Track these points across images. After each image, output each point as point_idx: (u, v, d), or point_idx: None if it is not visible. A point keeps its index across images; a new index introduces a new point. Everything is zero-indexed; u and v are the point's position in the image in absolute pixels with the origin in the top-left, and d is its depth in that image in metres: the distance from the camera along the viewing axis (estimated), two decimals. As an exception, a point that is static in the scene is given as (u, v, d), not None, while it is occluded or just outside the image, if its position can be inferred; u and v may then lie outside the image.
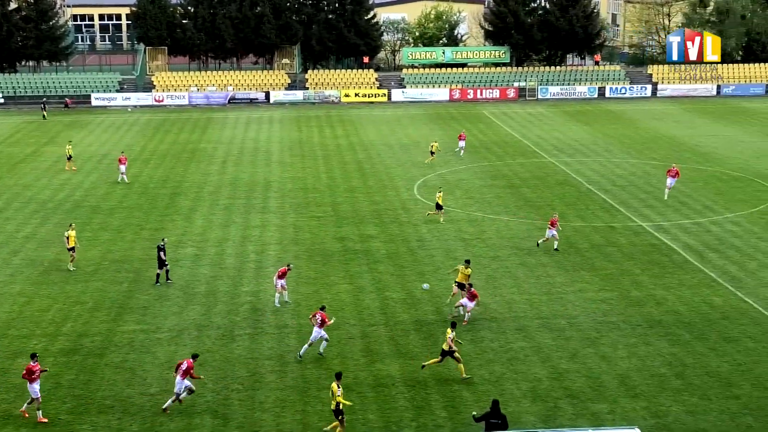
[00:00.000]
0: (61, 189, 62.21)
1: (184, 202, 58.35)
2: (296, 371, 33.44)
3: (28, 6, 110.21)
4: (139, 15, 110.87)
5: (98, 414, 30.32)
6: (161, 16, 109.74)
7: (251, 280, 43.32)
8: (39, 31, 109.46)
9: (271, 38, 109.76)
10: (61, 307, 39.98)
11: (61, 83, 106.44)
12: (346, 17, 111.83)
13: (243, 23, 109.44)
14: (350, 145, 77.60)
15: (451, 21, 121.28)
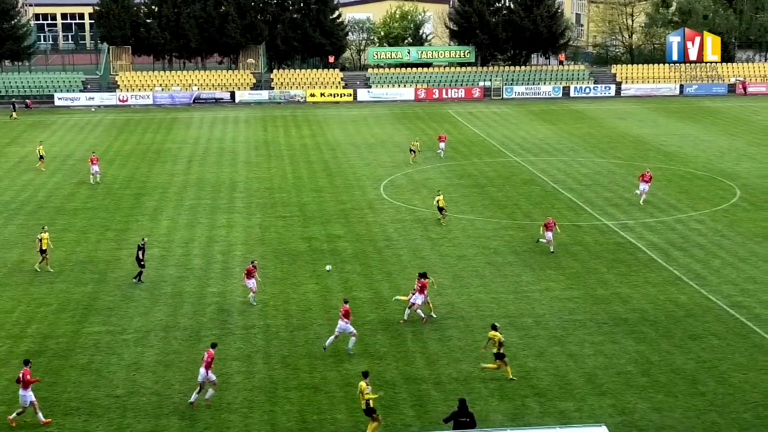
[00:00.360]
0: (24, 190, 61.65)
1: (149, 203, 58.01)
2: (264, 372, 33.35)
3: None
4: (102, 14, 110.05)
5: (64, 416, 30.08)
6: (124, 16, 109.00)
7: (218, 281, 43.14)
8: (1, 30, 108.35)
9: (236, 38, 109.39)
10: (25, 309, 39.63)
11: (24, 83, 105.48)
12: (311, 17, 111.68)
13: (207, 23, 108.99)
14: (316, 145, 77.50)
15: (416, 21, 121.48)
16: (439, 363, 33.71)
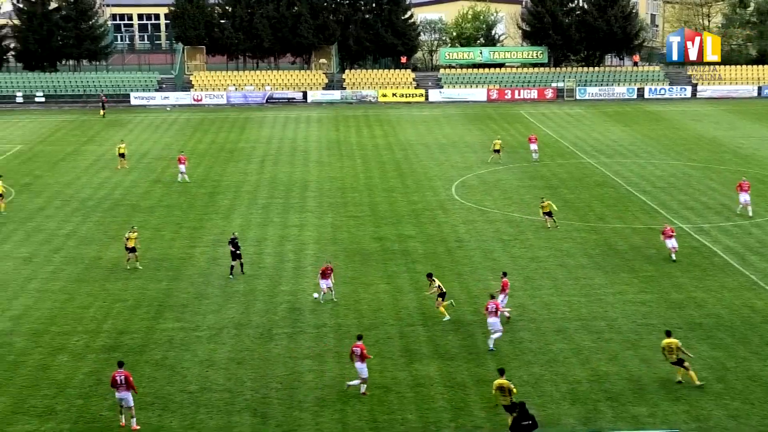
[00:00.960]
0: (101, 187, 62.70)
1: (222, 201, 58.60)
2: (335, 371, 33.48)
3: (68, 5, 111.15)
4: (177, 14, 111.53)
5: (139, 410, 30.45)
6: (199, 16, 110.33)
7: (289, 280, 43.42)
8: (79, 30, 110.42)
9: (309, 38, 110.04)
10: (101, 305, 40.31)
11: (101, 82, 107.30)
12: (383, 17, 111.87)
13: (280, 23, 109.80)
14: (388, 145, 77.59)
15: (488, 21, 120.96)
16: (510, 365, 33.50)
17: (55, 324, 38.07)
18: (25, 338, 36.60)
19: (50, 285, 42.87)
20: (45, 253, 47.77)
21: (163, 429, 29.42)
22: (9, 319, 38.66)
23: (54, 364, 34.19)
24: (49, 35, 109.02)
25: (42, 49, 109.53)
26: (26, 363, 34.29)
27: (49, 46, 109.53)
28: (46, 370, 33.62)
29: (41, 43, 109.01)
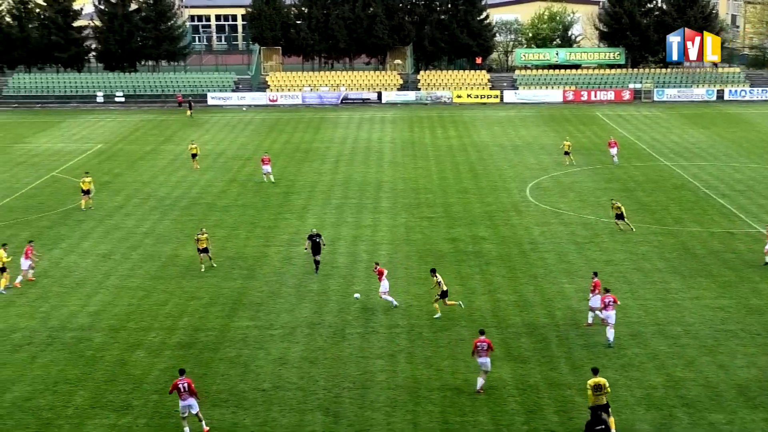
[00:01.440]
0: (178, 186, 63.54)
1: (297, 201, 58.98)
2: (407, 371, 33.47)
3: (148, 7, 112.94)
4: (254, 15, 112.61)
5: (213, 407, 30.86)
6: (275, 17, 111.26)
7: (362, 280, 43.52)
8: (158, 31, 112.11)
9: (384, 39, 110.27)
10: (177, 302, 40.85)
11: (179, 83, 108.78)
12: (459, 18, 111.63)
13: (356, 24, 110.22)
14: (462, 146, 77.38)
15: (564, 22, 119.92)
16: (584, 369, 33.16)
17: (133, 320, 38.70)
18: (104, 334, 37.26)
19: (128, 282, 43.59)
20: (123, 251, 48.57)
21: (237, 426, 29.71)
22: (88, 314, 39.39)
23: (131, 359, 34.76)
24: (129, 36, 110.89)
25: (122, 50, 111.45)
26: (104, 358, 34.90)
27: (129, 47, 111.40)
28: (124, 366, 34.18)
29: (121, 44, 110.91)
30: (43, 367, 34.16)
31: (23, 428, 29.62)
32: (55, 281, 43.74)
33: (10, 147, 79.42)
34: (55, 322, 38.61)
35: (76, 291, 42.39)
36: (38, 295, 41.89)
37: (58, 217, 55.61)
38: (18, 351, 35.66)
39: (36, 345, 36.22)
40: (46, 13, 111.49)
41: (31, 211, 57.13)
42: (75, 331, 37.54)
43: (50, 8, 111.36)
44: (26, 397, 31.72)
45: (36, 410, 30.83)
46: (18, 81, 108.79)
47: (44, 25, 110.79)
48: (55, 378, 33.24)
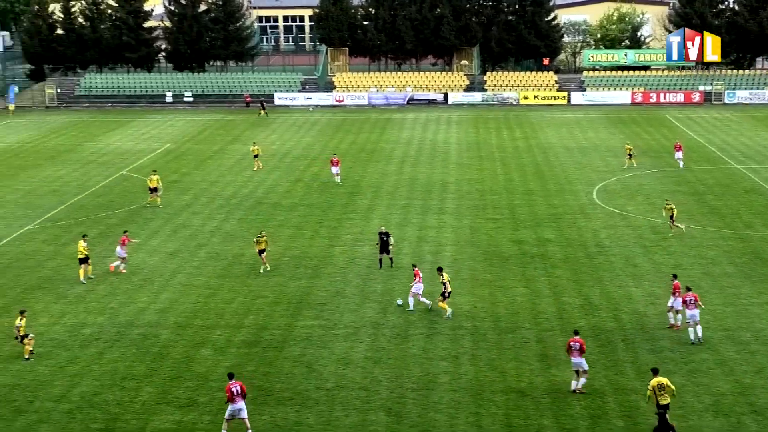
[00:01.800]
0: (245, 186, 64.06)
1: (362, 202, 59.10)
2: (470, 373, 33.34)
3: (217, 8, 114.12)
4: (321, 16, 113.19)
5: (277, 405, 31.05)
6: (343, 18, 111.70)
7: (427, 281, 43.33)
8: (227, 32, 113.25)
9: (451, 40, 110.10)
10: (243, 300, 41.17)
11: (247, 83, 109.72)
12: (527, 18, 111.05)
13: (423, 24, 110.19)
14: (528, 148, 76.92)
15: (634, 23, 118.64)
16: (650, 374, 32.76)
17: (199, 318, 39.09)
18: (170, 331, 37.69)
19: (194, 280, 44.05)
20: (190, 249, 49.10)
21: (300, 425, 29.84)
22: (155, 311, 39.89)
23: (197, 356, 35.11)
24: (198, 37, 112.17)
25: (191, 51, 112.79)
26: (171, 355, 35.30)
27: (198, 48, 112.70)
28: (189, 363, 34.53)
29: (190, 44, 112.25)
30: (111, 363, 34.66)
31: (91, 422, 30.09)
32: (123, 278, 44.36)
33: (82, 146, 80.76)
34: (123, 318, 39.17)
35: (143, 288, 42.96)
36: (107, 291, 42.53)
37: (126, 215, 56.42)
38: (87, 346, 36.24)
39: (104, 341, 36.77)
40: (118, 14, 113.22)
41: (101, 208, 58.05)
42: (142, 328, 38.03)
43: (122, 9, 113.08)
44: (94, 392, 32.21)
45: (104, 405, 31.29)
46: (90, 81, 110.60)
47: (116, 26, 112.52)
48: (123, 374, 33.70)
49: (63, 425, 29.93)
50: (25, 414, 30.72)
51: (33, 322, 38.39)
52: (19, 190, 63.75)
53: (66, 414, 30.58)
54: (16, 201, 60.47)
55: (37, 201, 60.29)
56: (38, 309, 40.22)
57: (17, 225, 54.29)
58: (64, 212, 57.28)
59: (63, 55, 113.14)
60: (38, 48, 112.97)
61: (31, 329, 37.40)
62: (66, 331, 37.81)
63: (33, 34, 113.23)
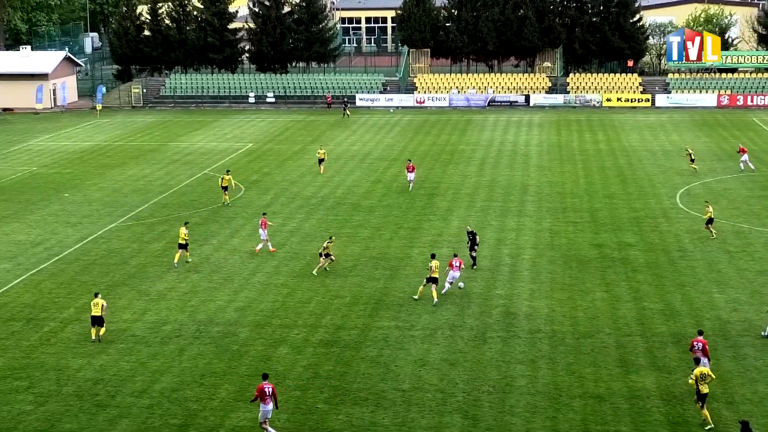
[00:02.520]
0: (324, 186, 64.42)
1: (441, 203, 59.00)
2: (548, 377, 33.06)
3: (301, 9, 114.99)
4: (403, 18, 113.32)
5: (353, 405, 31.15)
6: (425, 19, 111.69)
7: (505, 283, 43.23)
8: (309, 33, 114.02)
9: (533, 41, 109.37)
10: (321, 300, 41.40)
11: (328, 84, 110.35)
12: (611, 20, 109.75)
13: (505, 26, 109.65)
14: (611, 150, 76.01)
15: (721, 24, 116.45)
16: (733, 382, 32.17)
17: (277, 317, 39.41)
18: (249, 329, 38.07)
19: (273, 279, 44.42)
20: (270, 248, 49.54)
21: (376, 425, 29.89)
22: (235, 310, 40.33)
23: (275, 355, 35.40)
24: (281, 38, 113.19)
25: (274, 52, 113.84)
26: (249, 353, 35.65)
27: (281, 49, 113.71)
28: (267, 361, 34.83)
29: (274, 45, 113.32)
30: (190, 360, 35.14)
31: (170, 418, 30.53)
32: (204, 276, 44.95)
33: (166, 145, 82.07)
34: (203, 316, 39.68)
35: (224, 287, 43.46)
36: (188, 289, 43.13)
37: (208, 214, 57.15)
38: (167, 343, 36.79)
39: (184, 338, 37.29)
40: (203, 16, 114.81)
41: (183, 207, 58.91)
42: (222, 326, 38.48)
43: (207, 11, 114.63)
44: (174, 388, 32.69)
45: (183, 401, 31.74)
46: (175, 81, 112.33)
47: (201, 27, 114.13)
48: (202, 370, 34.14)
49: (143, 420, 30.44)
50: (107, 408, 31.31)
51: (116, 318, 39.19)
52: (105, 188, 65.04)
53: (146, 409, 31.10)
54: (102, 199, 61.69)
55: (122, 199, 61.45)
56: (121, 305, 40.98)
57: (103, 222, 55.39)
58: (148, 210, 58.27)
59: (149, 56, 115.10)
60: (126, 49, 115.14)
61: (113, 325, 38.20)
62: (147, 327, 38.44)
63: (121, 35, 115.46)
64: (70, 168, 72.65)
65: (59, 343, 36.86)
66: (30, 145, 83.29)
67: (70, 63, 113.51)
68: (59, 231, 53.28)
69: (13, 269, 46.55)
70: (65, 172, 71.14)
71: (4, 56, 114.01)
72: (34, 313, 40.05)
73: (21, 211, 58.63)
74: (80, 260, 47.88)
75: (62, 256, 48.70)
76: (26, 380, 33.53)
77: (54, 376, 33.80)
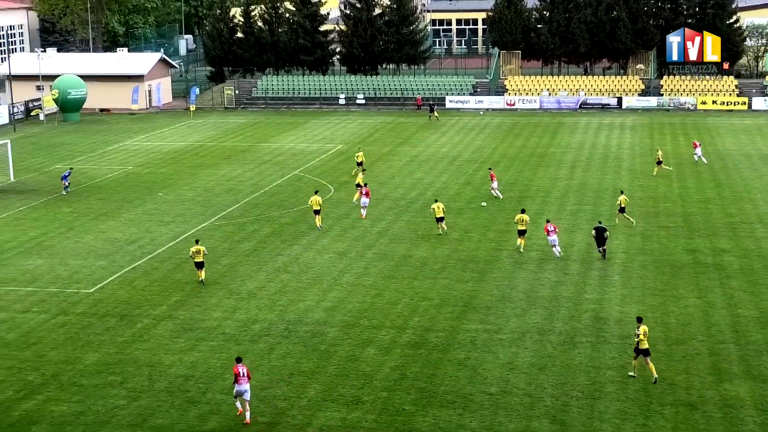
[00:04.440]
0: (414, 188, 64.44)
1: (531, 206, 58.46)
2: (638, 383, 32.56)
3: (392, 11, 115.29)
4: (494, 20, 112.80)
5: (440, 408, 31.09)
6: (516, 21, 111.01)
7: (595, 288, 42.71)
8: (400, 35, 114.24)
9: (627, 43, 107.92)
10: (408, 302, 41.41)
11: (418, 86, 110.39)
12: (707, 21, 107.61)
13: (598, 28, 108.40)
14: (705, 154, 74.43)
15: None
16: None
17: (365, 317, 39.54)
18: (337, 329, 38.27)
19: (362, 280, 44.59)
20: (358, 249, 49.73)
21: (463, 428, 29.78)
22: (323, 310, 40.59)
23: (362, 356, 35.52)
24: (371, 40, 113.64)
25: (364, 54, 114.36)
26: (337, 353, 35.84)
27: (372, 51, 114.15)
28: (355, 362, 34.97)
29: (364, 47, 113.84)
30: (279, 359, 35.46)
31: (259, 416, 30.83)
32: (293, 276, 45.34)
33: (257, 146, 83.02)
34: (292, 315, 40.02)
35: (312, 287, 43.77)
36: (277, 288, 43.54)
37: (298, 214, 57.62)
38: (257, 341, 37.18)
39: (273, 337, 37.65)
40: (295, 18, 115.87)
41: (273, 207, 59.50)
42: (310, 326, 38.76)
43: (299, 13, 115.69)
44: (263, 386, 33.01)
45: (271, 399, 32.04)
46: (266, 83, 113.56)
47: (293, 30, 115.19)
48: (290, 369, 34.42)
49: (233, 417, 30.80)
50: (198, 405, 31.77)
51: (206, 316, 39.79)
52: (198, 187, 66.07)
53: (235, 406, 31.40)
54: (194, 198, 62.67)
55: (214, 199, 62.34)
56: (212, 303, 41.56)
57: (195, 221, 56.27)
58: (238, 210, 59.01)
59: (242, 57, 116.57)
60: (219, 51, 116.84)
61: (204, 323, 38.80)
62: (237, 326, 38.92)
63: (215, 37, 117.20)
64: (164, 168, 74.00)
65: (152, 340, 37.55)
66: (126, 145, 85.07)
67: (165, 64, 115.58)
68: (153, 229, 54.28)
69: (109, 266, 47.57)
70: (159, 171, 72.49)
71: (102, 58, 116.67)
72: (128, 310, 40.87)
73: (117, 209, 59.90)
74: (173, 258, 48.72)
75: (156, 254, 49.62)
76: (120, 375, 34.23)
77: (146, 372, 34.45)
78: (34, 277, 45.98)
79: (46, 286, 44.65)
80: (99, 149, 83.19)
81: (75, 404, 31.95)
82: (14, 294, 43.54)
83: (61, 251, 50.51)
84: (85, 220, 57.25)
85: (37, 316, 40.61)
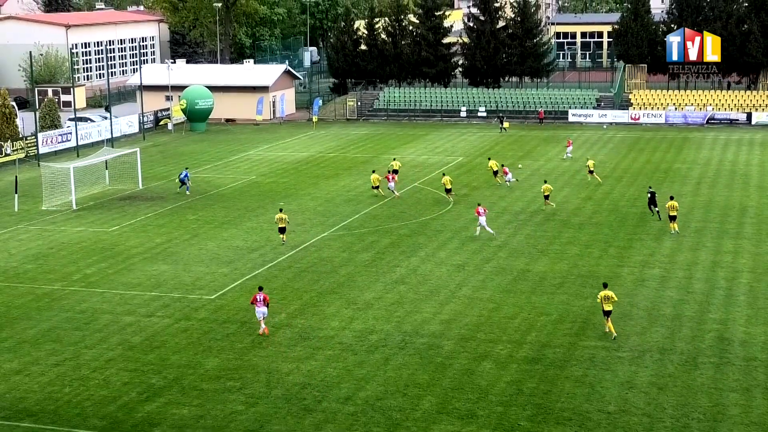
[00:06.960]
0: (534, 201, 63.86)
1: (653, 222, 57.39)
2: (763, 407, 31.57)
3: (516, 24, 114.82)
4: (620, 33, 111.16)
5: (556, 425, 30.70)
6: (643, 33, 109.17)
7: (719, 308, 41.61)
8: (523, 48, 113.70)
9: (758, 57, 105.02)
10: (526, 317, 41.05)
11: (540, 99, 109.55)
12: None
13: (728, 41, 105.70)
14: (838, 172, 72.05)
15: None
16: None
17: (482, 331, 39.35)
18: (454, 342, 38.17)
19: (479, 293, 44.39)
20: (476, 262, 49.54)
21: (579, 446, 29.37)
22: (440, 322, 40.54)
23: (478, 369, 35.34)
24: (494, 53, 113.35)
25: (487, 66, 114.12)
26: (453, 366, 35.74)
27: (494, 63, 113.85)
28: (471, 375, 34.81)
29: (487, 60, 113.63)
30: (395, 370, 35.54)
31: (374, 426, 30.94)
32: (410, 288, 45.42)
33: (378, 157, 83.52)
34: (408, 327, 40.08)
35: (430, 299, 43.78)
36: (394, 300, 43.69)
37: (416, 226, 57.73)
38: (373, 352, 37.35)
39: (390, 348, 37.76)
40: (419, 30, 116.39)
41: (392, 219, 59.76)
42: (427, 338, 38.75)
43: (422, 26, 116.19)
44: (378, 397, 33.13)
45: (386, 410, 32.12)
46: (388, 95, 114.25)
47: (416, 42, 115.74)
48: (406, 381, 34.47)
49: (347, 426, 30.99)
50: (314, 413, 32.06)
51: (324, 326, 40.19)
52: (318, 198, 66.84)
53: (350, 416, 31.65)
54: (315, 208, 63.41)
55: (334, 209, 62.97)
56: (330, 313, 41.95)
57: (315, 231, 56.92)
58: (358, 221, 59.47)
59: (365, 69, 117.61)
60: (342, 63, 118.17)
61: (321, 332, 39.20)
62: (354, 336, 39.17)
63: (338, 49, 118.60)
64: (286, 177, 75.11)
65: (270, 347, 38.10)
66: (250, 155, 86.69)
67: (290, 76, 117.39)
68: (274, 238, 55.09)
69: (230, 273, 48.49)
70: (281, 181, 73.61)
71: (228, 69, 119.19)
72: (248, 317, 41.54)
73: (239, 217, 61.05)
74: (293, 267, 49.37)
75: (276, 262, 50.36)
76: (238, 381, 34.81)
77: (264, 379, 34.95)
78: (158, 283, 47.20)
79: (170, 291, 45.77)
80: (224, 158, 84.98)
81: (195, 408, 32.62)
82: (140, 298, 44.76)
83: (185, 257, 51.72)
84: (209, 227, 58.52)
85: (161, 320, 41.66)
